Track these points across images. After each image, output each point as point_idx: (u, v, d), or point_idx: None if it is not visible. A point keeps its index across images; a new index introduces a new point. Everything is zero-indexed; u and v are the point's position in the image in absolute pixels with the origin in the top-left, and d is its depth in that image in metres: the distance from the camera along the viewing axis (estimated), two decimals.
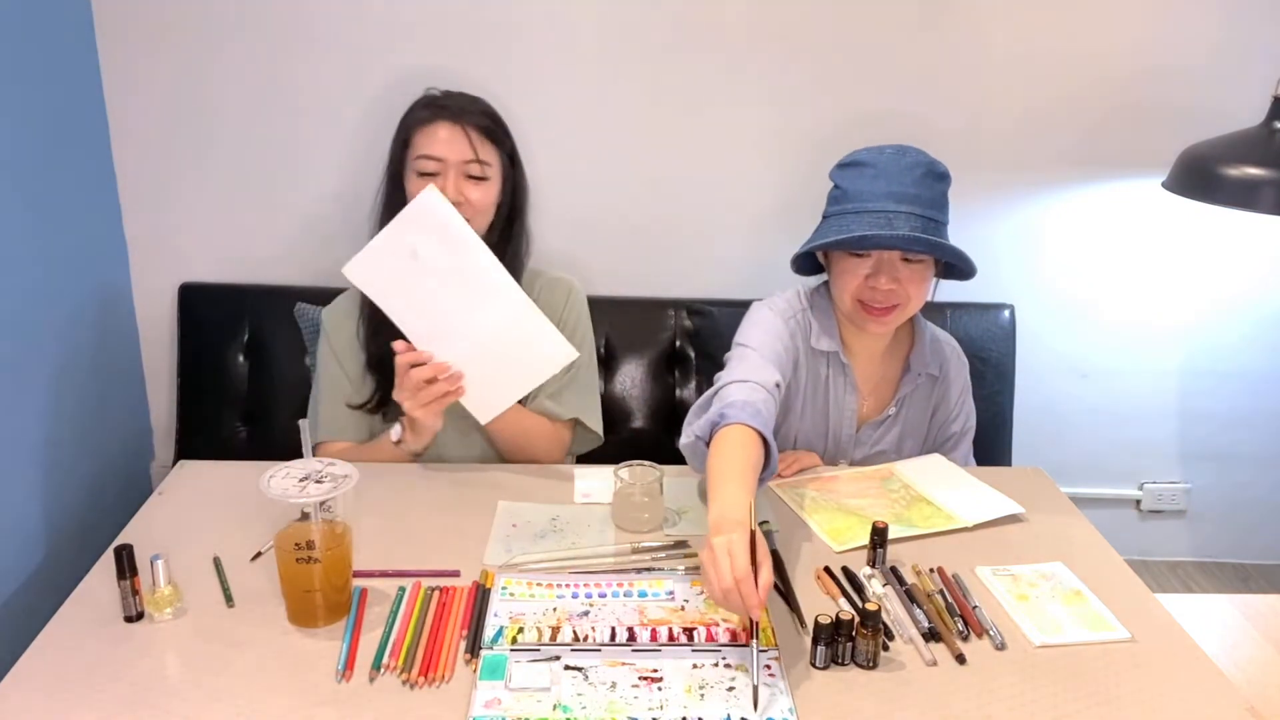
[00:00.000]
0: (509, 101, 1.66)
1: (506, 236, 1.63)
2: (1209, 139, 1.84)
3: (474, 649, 1.11)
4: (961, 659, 1.12)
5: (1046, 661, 1.12)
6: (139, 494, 1.51)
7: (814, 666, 1.10)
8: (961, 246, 1.45)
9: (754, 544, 1.08)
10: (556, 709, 1.02)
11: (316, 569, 1.12)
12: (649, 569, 1.28)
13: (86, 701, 1.02)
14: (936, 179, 1.47)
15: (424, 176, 1.54)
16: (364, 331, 1.62)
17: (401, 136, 1.58)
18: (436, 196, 1.42)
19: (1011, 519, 1.42)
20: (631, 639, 1.13)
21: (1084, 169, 2.12)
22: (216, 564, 1.26)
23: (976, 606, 1.20)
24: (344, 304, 1.66)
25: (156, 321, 2.14)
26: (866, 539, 1.29)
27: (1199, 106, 2.04)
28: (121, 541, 1.17)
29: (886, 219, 1.43)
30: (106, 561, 1.21)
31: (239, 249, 2.10)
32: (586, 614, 1.18)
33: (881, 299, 1.49)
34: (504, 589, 1.22)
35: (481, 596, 1.20)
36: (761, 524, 1.36)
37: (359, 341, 1.62)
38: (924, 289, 1.52)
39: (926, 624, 1.17)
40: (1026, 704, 1.05)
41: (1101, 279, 2.21)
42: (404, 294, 1.45)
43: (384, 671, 1.07)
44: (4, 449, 1.66)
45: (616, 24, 1.98)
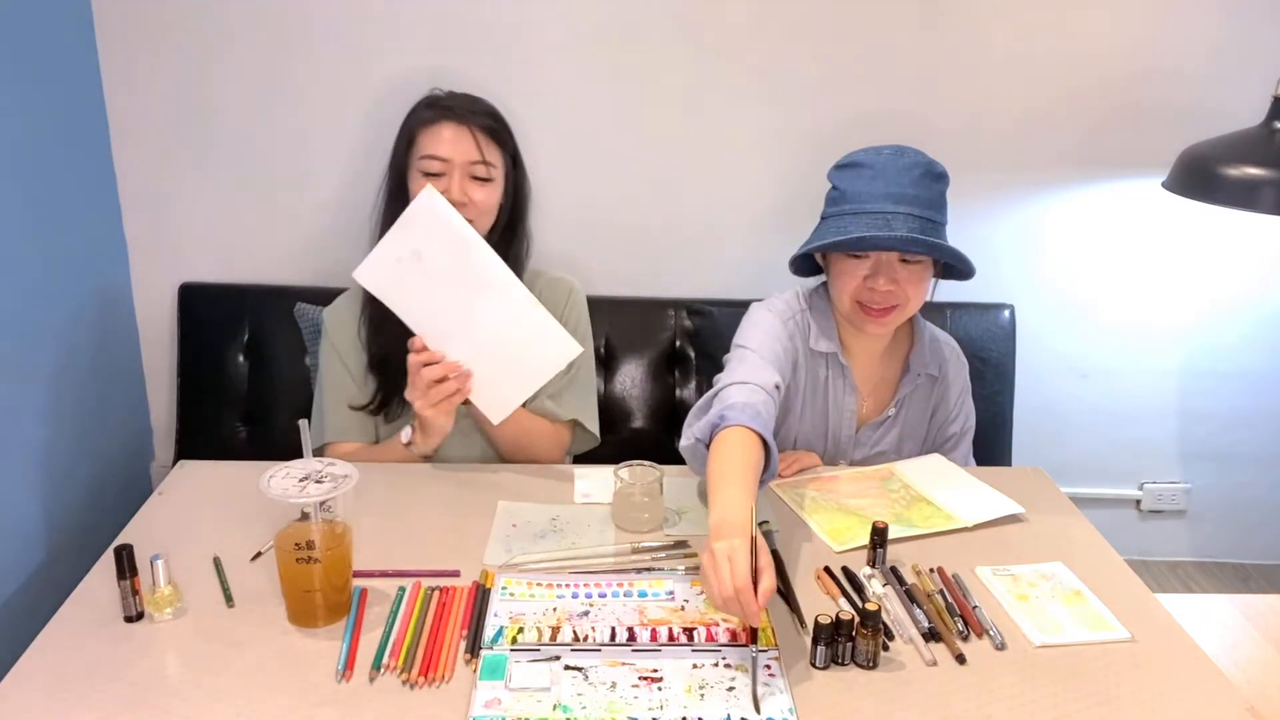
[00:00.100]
0: (509, 102, 1.66)
1: (508, 237, 1.63)
2: (1209, 139, 1.84)
3: (474, 649, 1.11)
4: (961, 659, 1.12)
5: (1046, 661, 1.12)
6: (139, 494, 1.51)
7: (814, 666, 1.10)
8: (961, 246, 1.45)
9: (755, 550, 1.08)
10: (556, 709, 1.02)
11: (316, 569, 1.12)
12: (649, 569, 1.28)
13: (86, 701, 1.02)
14: (935, 179, 1.47)
15: (429, 177, 1.53)
16: (365, 332, 1.62)
17: (405, 137, 1.58)
18: (436, 197, 1.42)
19: (1011, 519, 1.42)
20: (631, 639, 1.13)
21: (1084, 169, 2.12)
22: (216, 564, 1.26)
23: (976, 606, 1.20)
24: (345, 303, 1.66)
25: (156, 321, 2.14)
26: (866, 539, 1.29)
27: (1199, 106, 2.04)
28: (121, 541, 1.17)
29: (884, 220, 1.43)
30: (106, 561, 1.21)
31: (239, 249, 2.10)
32: (586, 614, 1.18)
33: (880, 300, 1.49)
34: (504, 589, 1.22)
35: (481, 596, 1.20)
36: (761, 524, 1.36)
37: (360, 343, 1.62)
38: (922, 290, 1.52)
39: (926, 624, 1.17)
40: (1026, 704, 1.05)
41: (1101, 279, 2.21)
42: (412, 295, 1.45)
43: (384, 671, 1.07)
44: (4, 449, 1.66)
45: (617, 24, 1.98)
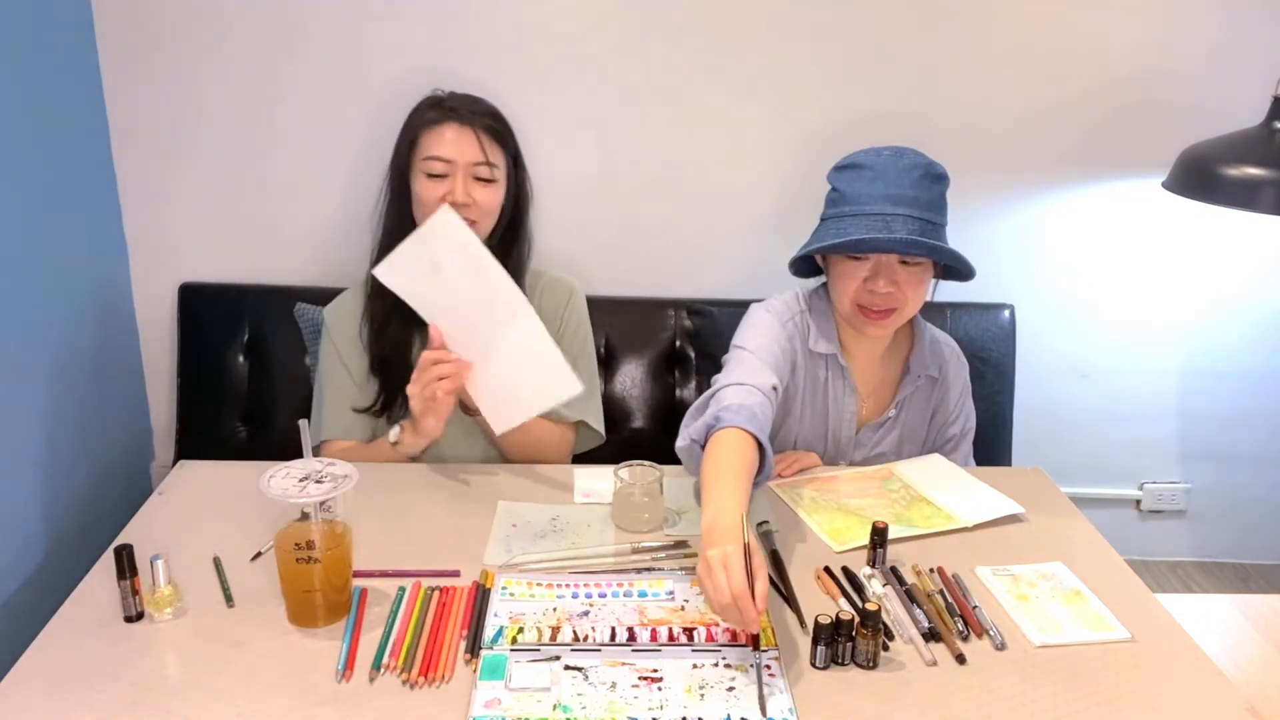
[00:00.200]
0: (509, 102, 1.66)
1: (509, 238, 1.63)
2: (1209, 139, 1.84)
3: (474, 649, 1.11)
4: (961, 659, 1.12)
5: (1046, 661, 1.12)
6: (139, 494, 1.51)
7: (814, 666, 1.10)
8: (961, 247, 1.45)
9: (748, 554, 1.08)
10: (556, 709, 1.02)
11: (316, 569, 1.12)
12: (649, 569, 1.28)
13: (86, 701, 1.02)
14: (934, 180, 1.47)
15: (432, 178, 1.53)
16: (367, 333, 1.62)
17: (407, 137, 1.57)
18: (452, 218, 1.40)
19: (1011, 519, 1.42)
20: (631, 639, 1.13)
21: (1084, 169, 2.12)
22: (216, 564, 1.26)
23: (976, 606, 1.20)
24: (346, 302, 1.66)
25: (156, 321, 2.14)
26: (866, 539, 1.29)
27: (1199, 106, 2.04)
28: (121, 541, 1.17)
29: (884, 222, 1.43)
30: (106, 561, 1.21)
31: (239, 249, 2.10)
32: (586, 614, 1.18)
33: (880, 302, 1.49)
34: (504, 589, 1.22)
35: (481, 596, 1.20)
36: (761, 524, 1.36)
37: (362, 344, 1.62)
38: (922, 291, 1.51)
39: (926, 624, 1.17)
40: (1026, 704, 1.05)
41: (1101, 279, 2.21)
42: (430, 298, 1.45)
43: (384, 671, 1.07)
44: (4, 449, 1.66)
45: (616, 25, 1.98)
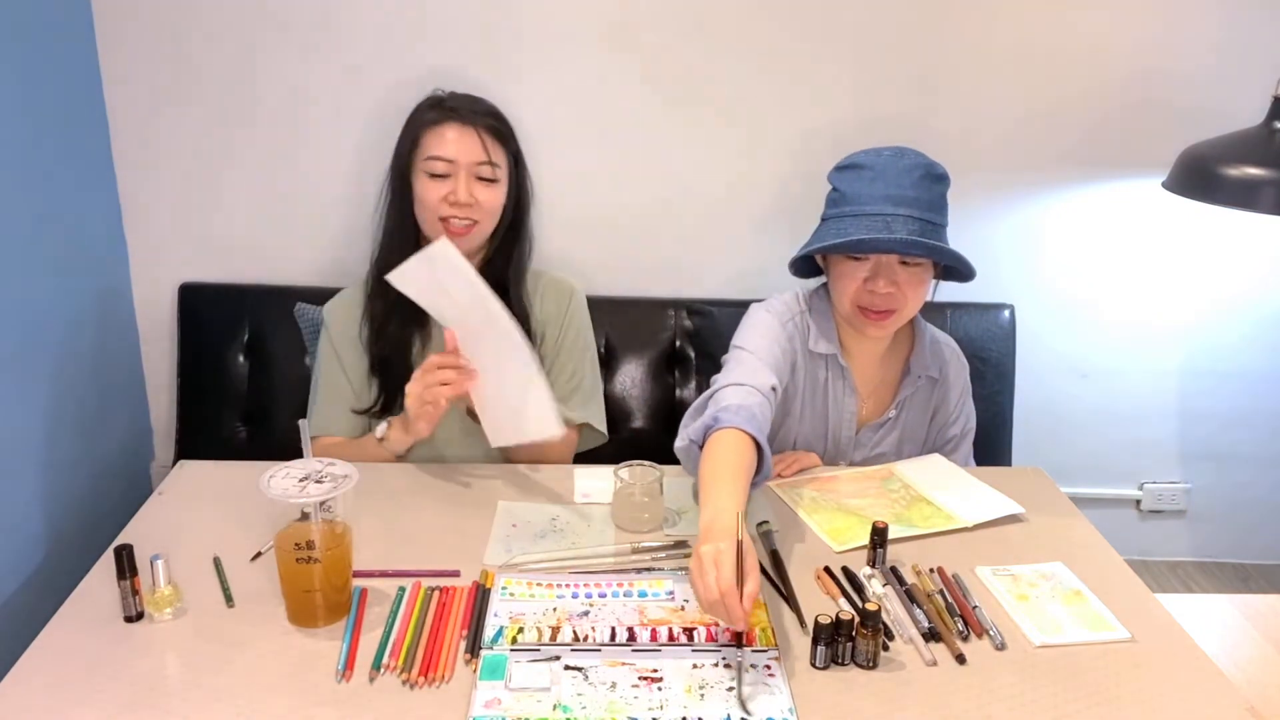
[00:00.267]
0: (510, 102, 1.66)
1: (510, 238, 1.63)
2: (1209, 139, 1.84)
3: (474, 649, 1.11)
4: (961, 659, 1.12)
5: (1046, 661, 1.12)
6: (139, 494, 1.51)
7: (814, 666, 1.10)
8: (961, 247, 1.45)
9: (742, 554, 1.08)
10: (556, 709, 1.02)
11: (316, 569, 1.12)
12: (649, 569, 1.28)
13: (86, 701, 1.02)
14: (935, 181, 1.47)
15: (435, 178, 1.53)
16: (367, 333, 1.62)
17: (409, 138, 1.57)
18: (449, 249, 1.38)
19: (1011, 519, 1.42)
20: (631, 639, 1.13)
21: (1084, 169, 2.12)
22: (216, 564, 1.26)
23: (976, 606, 1.20)
24: (347, 300, 1.65)
25: (156, 322, 2.14)
26: (866, 539, 1.29)
27: (1199, 106, 2.04)
28: (121, 541, 1.17)
29: (884, 222, 1.43)
30: (106, 561, 1.21)
31: (239, 249, 2.10)
32: (586, 614, 1.18)
33: (880, 303, 1.49)
34: (504, 589, 1.22)
35: (481, 596, 1.20)
36: (761, 524, 1.36)
37: (361, 344, 1.62)
38: (922, 292, 1.51)
39: (926, 624, 1.17)
40: (1026, 704, 1.05)
41: (1101, 279, 2.21)
42: (441, 306, 1.44)
43: (384, 671, 1.07)
44: (4, 449, 1.66)
45: (617, 25, 1.98)
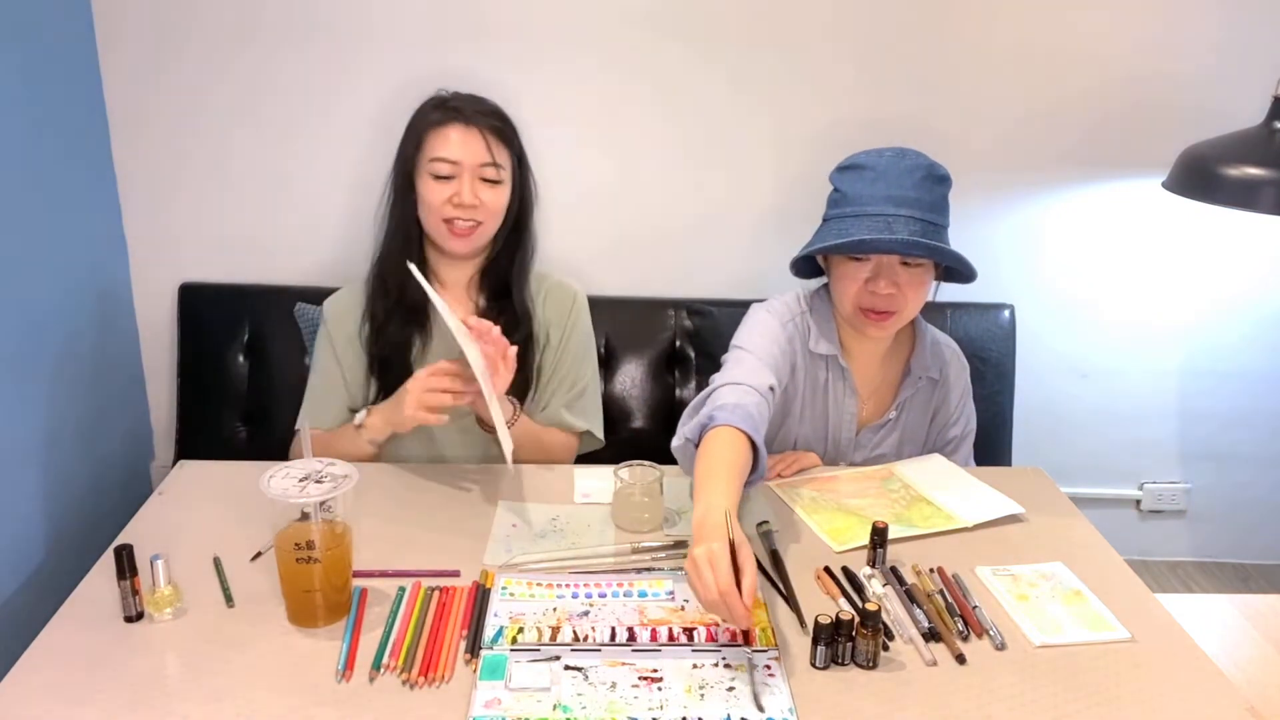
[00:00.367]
0: (513, 102, 1.66)
1: (514, 239, 1.63)
2: (1209, 139, 1.84)
3: (474, 649, 1.11)
4: (961, 659, 1.12)
5: (1046, 661, 1.12)
6: (139, 494, 1.51)
7: (814, 666, 1.10)
8: (961, 247, 1.45)
9: (734, 549, 1.08)
10: (556, 709, 1.02)
11: (316, 569, 1.12)
12: (649, 569, 1.28)
13: (86, 701, 1.02)
14: (936, 181, 1.47)
15: (439, 180, 1.53)
16: (366, 332, 1.61)
17: (413, 138, 1.57)
18: (435, 298, 1.39)
19: (1011, 519, 1.42)
20: (631, 639, 1.13)
21: (1084, 169, 2.12)
22: (216, 564, 1.26)
23: (976, 606, 1.20)
24: (347, 299, 1.65)
25: (156, 321, 2.14)
26: (866, 539, 1.29)
27: (1199, 107, 2.04)
28: (121, 541, 1.17)
29: (886, 223, 1.43)
30: (106, 561, 1.21)
31: (239, 249, 2.10)
32: (586, 614, 1.18)
33: (881, 303, 1.48)
34: (504, 589, 1.22)
35: (481, 596, 1.20)
36: (761, 524, 1.36)
37: (361, 342, 1.62)
38: (922, 293, 1.51)
39: (926, 624, 1.17)
40: (1026, 704, 1.05)
41: (1101, 279, 2.21)
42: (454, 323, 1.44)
43: (384, 671, 1.07)
44: (4, 449, 1.66)
45: (617, 25, 1.98)
